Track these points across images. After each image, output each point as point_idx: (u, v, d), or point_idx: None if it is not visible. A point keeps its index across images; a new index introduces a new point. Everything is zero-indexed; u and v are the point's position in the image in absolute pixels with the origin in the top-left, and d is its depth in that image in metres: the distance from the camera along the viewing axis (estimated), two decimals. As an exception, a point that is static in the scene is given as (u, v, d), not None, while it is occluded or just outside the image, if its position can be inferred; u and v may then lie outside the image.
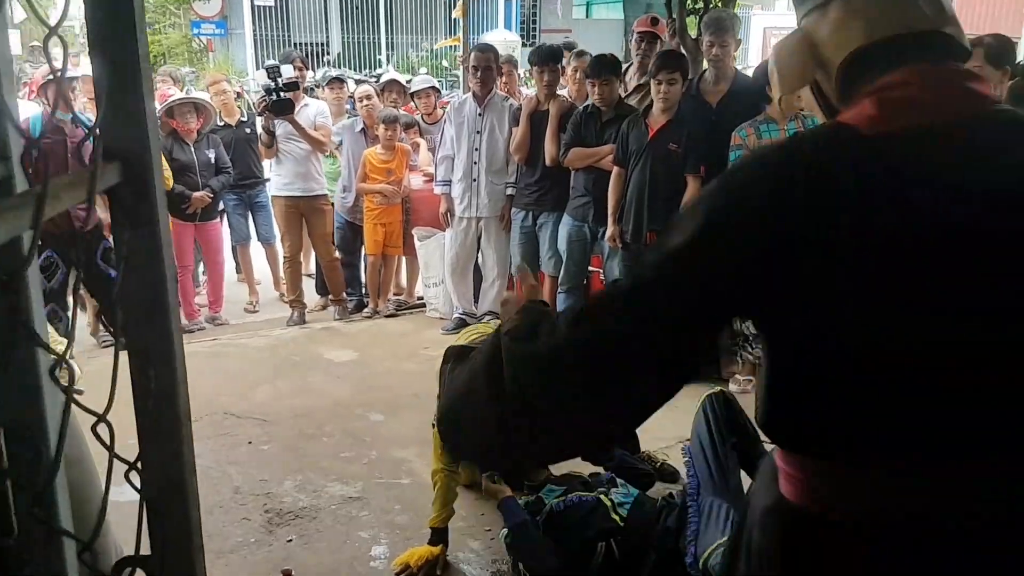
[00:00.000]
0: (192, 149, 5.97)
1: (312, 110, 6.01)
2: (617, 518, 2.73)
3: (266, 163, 6.33)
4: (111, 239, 5.14)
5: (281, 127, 5.89)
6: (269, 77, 5.66)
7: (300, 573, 2.92)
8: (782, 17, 22.49)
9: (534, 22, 23.36)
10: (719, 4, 5.44)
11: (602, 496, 2.83)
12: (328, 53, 21.06)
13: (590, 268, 5.47)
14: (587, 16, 23.49)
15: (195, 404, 3.70)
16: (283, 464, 3.83)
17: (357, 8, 21.70)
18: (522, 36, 21.35)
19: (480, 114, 5.44)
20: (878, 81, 1.07)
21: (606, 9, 21.92)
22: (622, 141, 4.76)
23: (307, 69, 6.10)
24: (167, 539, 0.82)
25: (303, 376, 5.01)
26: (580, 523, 2.72)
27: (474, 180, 5.46)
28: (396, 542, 3.16)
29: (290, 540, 3.20)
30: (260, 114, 5.90)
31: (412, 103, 6.81)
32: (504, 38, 16.57)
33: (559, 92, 5.47)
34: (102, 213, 4.60)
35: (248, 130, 6.38)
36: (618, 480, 3.04)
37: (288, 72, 5.83)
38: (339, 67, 18.36)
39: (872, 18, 1.07)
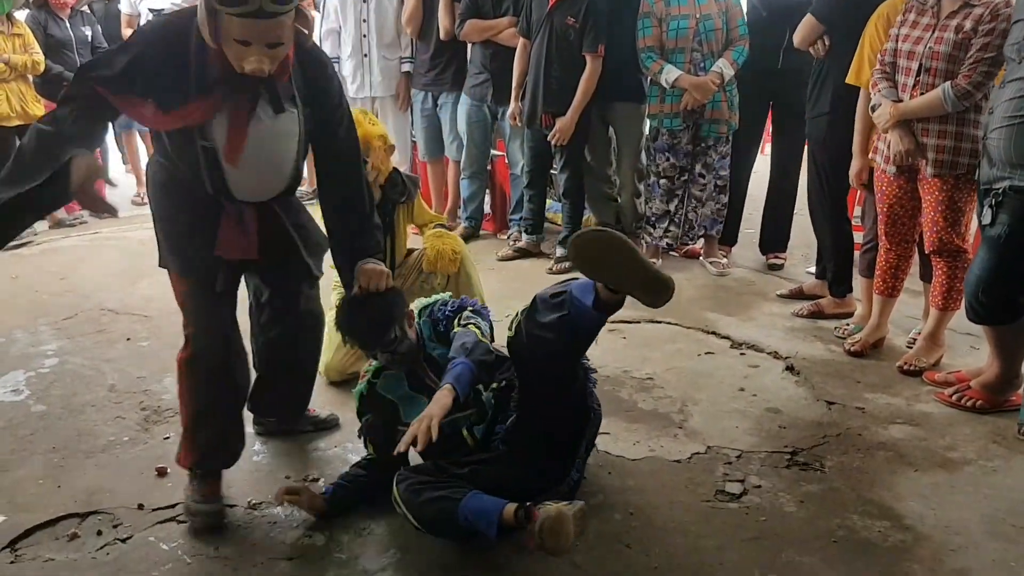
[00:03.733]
0: (68, 25, 5.49)
1: None
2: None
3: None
4: None
5: None
6: None
7: (176, 471, 2.77)
8: None
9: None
10: None
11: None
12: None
13: (493, 151, 5.26)
14: None
15: (70, 300, 3.50)
16: (162, 361, 3.61)
17: None
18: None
19: None
20: None
21: None
22: (526, 10, 4.50)
23: None
24: None
25: (191, 269, 4.74)
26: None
27: (365, 56, 5.12)
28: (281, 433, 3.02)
29: (167, 438, 3.03)
30: None
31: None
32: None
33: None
34: None
35: (123, 0, 5.87)
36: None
37: None
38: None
39: None
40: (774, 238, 4.72)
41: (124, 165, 6.54)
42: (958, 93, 3.07)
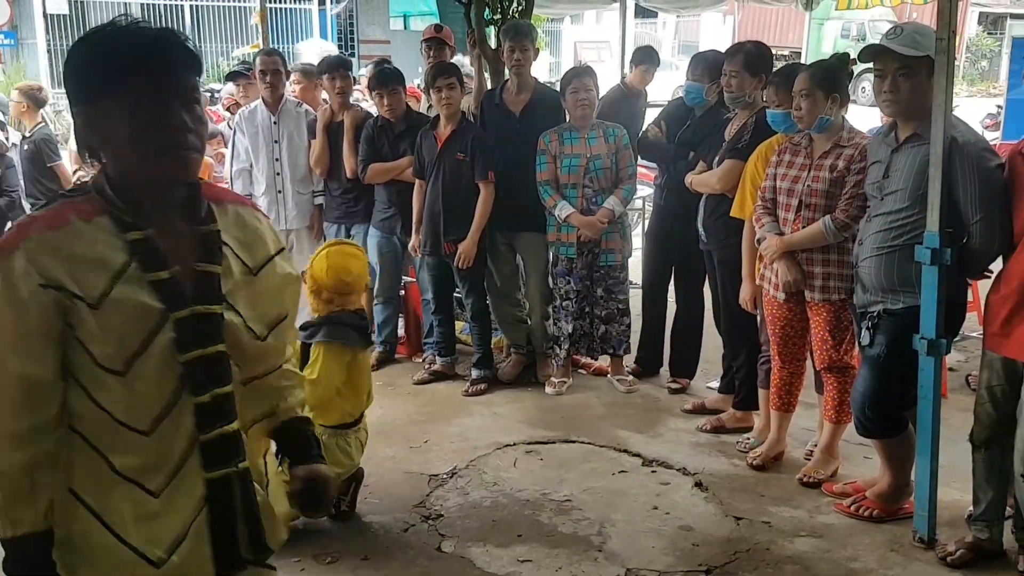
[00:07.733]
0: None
1: None
2: None
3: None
4: None
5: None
6: None
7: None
8: (590, 30, 23.40)
9: (351, 32, 22.99)
10: (516, 16, 5.52)
11: None
12: (130, 63, 19.86)
13: (406, 278, 5.40)
14: (405, 28, 23.39)
15: None
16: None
17: (160, 16, 20.56)
18: (339, 46, 20.95)
19: (275, 122, 5.22)
20: None
21: (422, 21, 21.92)
22: (418, 153, 4.77)
23: None
24: None
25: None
26: None
27: (279, 192, 5.25)
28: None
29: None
30: None
31: (221, 111, 6.51)
32: (320, 48, 16.13)
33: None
34: None
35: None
36: None
37: None
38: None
39: None
40: (679, 363, 4.91)
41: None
42: (838, 225, 3.39)
